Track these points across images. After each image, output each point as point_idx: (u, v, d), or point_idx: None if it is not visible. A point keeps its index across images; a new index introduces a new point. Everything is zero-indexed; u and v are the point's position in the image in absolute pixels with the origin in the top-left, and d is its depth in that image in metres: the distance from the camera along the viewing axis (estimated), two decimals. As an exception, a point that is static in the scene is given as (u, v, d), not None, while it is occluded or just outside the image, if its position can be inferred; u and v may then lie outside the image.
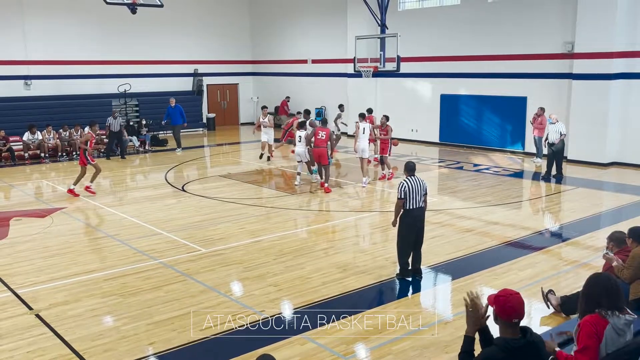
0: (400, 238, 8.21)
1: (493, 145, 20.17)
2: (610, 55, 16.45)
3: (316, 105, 26.37)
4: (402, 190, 7.93)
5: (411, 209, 8.00)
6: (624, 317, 4.23)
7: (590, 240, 10.06)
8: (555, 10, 17.94)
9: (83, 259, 9.27)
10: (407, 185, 7.94)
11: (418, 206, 8.05)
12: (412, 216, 8.05)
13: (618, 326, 4.21)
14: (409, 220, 8.06)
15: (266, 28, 28.54)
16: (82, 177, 13.75)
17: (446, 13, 21.00)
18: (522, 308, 3.83)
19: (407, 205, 7.98)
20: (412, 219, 8.05)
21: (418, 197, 8.01)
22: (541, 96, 18.35)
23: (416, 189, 7.99)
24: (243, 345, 6.34)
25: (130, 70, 24.85)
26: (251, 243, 10.03)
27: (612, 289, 4.33)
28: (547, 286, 7.35)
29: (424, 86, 22.20)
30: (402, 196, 7.94)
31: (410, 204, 7.98)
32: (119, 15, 21.69)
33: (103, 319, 7.10)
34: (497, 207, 12.41)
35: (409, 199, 7.94)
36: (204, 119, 27.52)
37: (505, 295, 3.87)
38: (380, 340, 6.39)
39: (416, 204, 8.02)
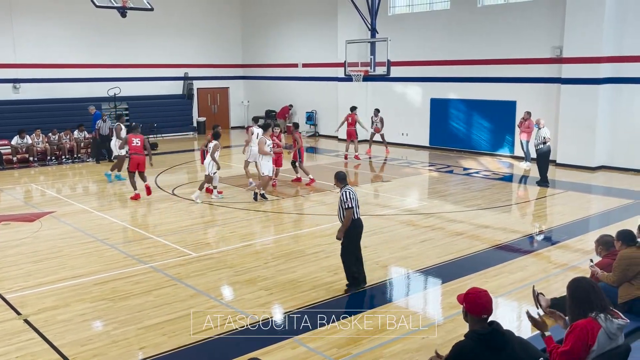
0: (347, 249, 7.89)
1: (483, 149, 20.28)
2: (598, 60, 16.60)
3: (307, 109, 26.43)
4: (351, 198, 7.69)
5: (357, 218, 7.81)
6: (617, 321, 4.27)
7: (579, 243, 10.14)
8: (544, 15, 18.10)
9: (72, 264, 9.21)
10: (353, 193, 7.77)
11: (359, 215, 7.90)
12: (359, 225, 7.88)
13: (611, 330, 4.24)
14: (356, 230, 7.86)
15: (257, 32, 28.55)
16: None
17: (436, 18, 21.11)
18: (490, 304, 4.13)
19: (354, 215, 7.76)
20: (359, 229, 7.89)
21: (358, 208, 7.86)
22: (530, 100, 18.48)
23: (356, 198, 7.84)
24: (233, 349, 6.32)
25: (120, 74, 24.77)
26: (242, 247, 10.01)
27: (594, 288, 4.43)
28: (537, 289, 7.38)
29: (414, 90, 22.28)
30: (351, 205, 7.70)
31: (356, 213, 7.78)
32: (109, 19, 21.60)
33: (92, 323, 7.05)
34: (487, 211, 12.47)
35: (355, 208, 7.75)
36: (194, 122, 27.46)
37: (475, 293, 4.18)
38: (371, 344, 6.39)
39: (359, 213, 7.88)
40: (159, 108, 25.73)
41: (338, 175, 8.05)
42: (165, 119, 25.41)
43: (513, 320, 7.03)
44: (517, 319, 7.11)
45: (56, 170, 18.27)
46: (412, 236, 10.57)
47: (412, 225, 11.33)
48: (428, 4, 21.69)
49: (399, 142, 22.62)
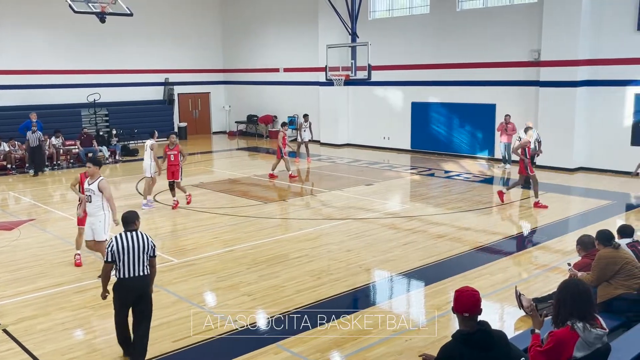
0: (115, 312, 6.12)
1: (463, 152, 20.45)
2: (575, 63, 16.86)
3: (289, 113, 26.42)
4: (110, 251, 5.91)
5: (124, 277, 5.93)
6: (595, 331, 4.29)
7: (559, 244, 10.26)
8: (522, 20, 18.33)
9: (52, 272, 9.09)
10: (117, 244, 5.90)
11: (136, 274, 5.93)
12: (126, 288, 5.96)
13: (589, 340, 4.27)
14: (121, 293, 6.00)
15: (238, 37, 28.51)
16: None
17: (416, 22, 21.27)
18: (470, 304, 4.09)
19: (119, 273, 5.94)
20: (125, 292, 5.97)
21: (135, 262, 5.93)
22: (509, 103, 18.69)
23: (132, 249, 5.92)
24: (216, 355, 6.29)
25: (99, 80, 24.58)
26: (224, 252, 9.96)
27: (580, 295, 4.38)
28: (518, 289, 7.46)
29: (395, 94, 22.41)
30: (109, 259, 5.92)
31: (124, 271, 5.92)
32: (88, 24, 21.39)
33: (73, 332, 6.96)
34: (469, 213, 12.57)
35: (120, 264, 5.91)
36: (175, 128, 27.28)
37: (459, 291, 4.19)
38: (354, 347, 6.40)
39: (132, 271, 5.92)
40: (140, 114, 25.53)
41: (122, 218, 6.28)
42: (146, 124, 25.06)
43: (495, 320, 7.08)
44: (499, 320, 7.17)
45: (35, 177, 18.00)
46: (394, 239, 10.62)
47: (394, 229, 11.38)
48: (408, 8, 21.85)
49: (381, 145, 22.74)
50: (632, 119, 16.43)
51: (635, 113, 16.43)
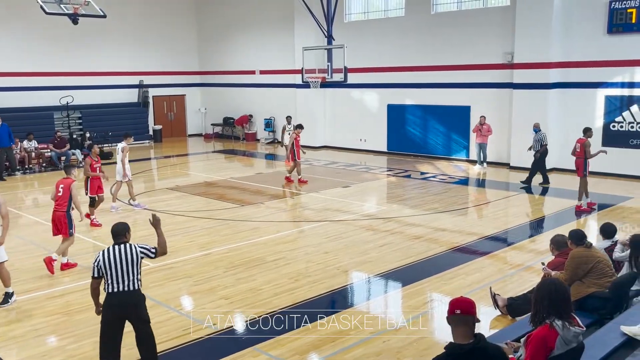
0: (100, 332, 5.77)
1: (439, 153, 20.63)
2: (548, 65, 17.15)
3: (265, 116, 26.38)
4: (96, 266, 5.65)
5: (112, 292, 5.63)
6: (573, 329, 4.34)
7: (533, 244, 10.42)
8: (496, 22, 18.58)
9: (24, 278, 8.91)
10: (102, 258, 5.63)
11: (124, 289, 5.62)
12: (115, 304, 5.63)
13: (567, 337, 4.33)
14: (108, 309, 5.68)
15: (213, 38, 28.36)
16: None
17: (391, 24, 21.41)
18: (463, 302, 4.04)
19: (107, 287, 5.65)
20: (114, 308, 5.65)
21: (124, 276, 5.62)
22: (484, 105, 18.92)
23: (119, 262, 5.62)
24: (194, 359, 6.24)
25: (72, 82, 24.20)
26: (201, 256, 9.90)
27: (558, 294, 4.41)
28: (493, 289, 7.55)
29: (371, 96, 22.52)
30: (95, 274, 5.67)
31: (112, 286, 5.62)
32: (61, 26, 21.07)
33: (47, 339, 6.85)
34: (445, 214, 12.68)
35: (108, 278, 5.62)
36: (150, 131, 27.03)
37: (454, 299, 4.15)
38: (333, 349, 6.41)
39: (120, 285, 5.61)
40: (114, 117, 25.21)
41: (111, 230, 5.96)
42: (120, 127, 24.71)
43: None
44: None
45: (5, 181, 17.65)
46: (371, 241, 10.66)
47: (371, 230, 11.42)
48: (383, 11, 21.98)
49: (357, 147, 22.82)
50: (602, 121, 16.76)
51: (606, 114, 16.77)
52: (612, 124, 16.63)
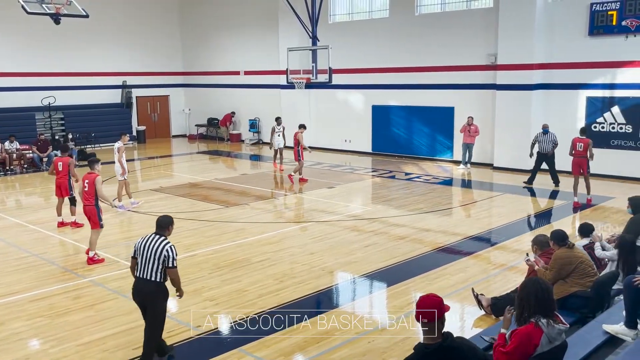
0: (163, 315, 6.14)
1: (423, 154, 20.73)
2: (530, 67, 17.31)
3: (250, 116, 26.31)
4: (134, 247, 6.03)
5: (137, 276, 5.96)
6: (557, 326, 4.40)
7: (516, 244, 10.50)
8: (479, 24, 18.72)
9: (6, 280, 8.81)
10: (140, 242, 5.97)
11: (144, 277, 5.87)
12: (135, 287, 6.00)
13: (552, 335, 4.38)
14: (133, 291, 6.04)
15: (197, 39, 28.23)
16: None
17: (375, 25, 21.47)
18: (430, 302, 4.04)
19: (136, 270, 5.98)
20: (134, 291, 6.01)
21: (148, 265, 5.85)
22: (468, 106, 19.04)
23: (147, 251, 5.87)
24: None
25: (55, 83, 23.95)
26: (186, 257, 9.83)
27: (542, 292, 4.46)
28: (477, 289, 7.61)
29: (355, 97, 22.56)
30: (133, 254, 6.01)
31: (138, 270, 5.94)
32: (42, 26, 20.86)
33: (29, 342, 6.77)
34: (429, 214, 12.74)
35: (137, 262, 5.94)
36: (133, 131, 26.82)
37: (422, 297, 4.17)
38: (318, 350, 6.41)
39: (144, 272, 5.87)
40: (97, 117, 25.02)
41: (158, 222, 6.21)
42: (104, 128, 24.68)
43: (456, 321, 7.20)
44: (459, 320, 7.28)
45: (-13, 183, 17.45)
46: (356, 241, 10.68)
47: (356, 231, 11.44)
48: (367, 12, 22.04)
49: (342, 148, 22.85)
50: (584, 121, 16.94)
51: (588, 115, 16.97)
52: (594, 125, 16.83)
